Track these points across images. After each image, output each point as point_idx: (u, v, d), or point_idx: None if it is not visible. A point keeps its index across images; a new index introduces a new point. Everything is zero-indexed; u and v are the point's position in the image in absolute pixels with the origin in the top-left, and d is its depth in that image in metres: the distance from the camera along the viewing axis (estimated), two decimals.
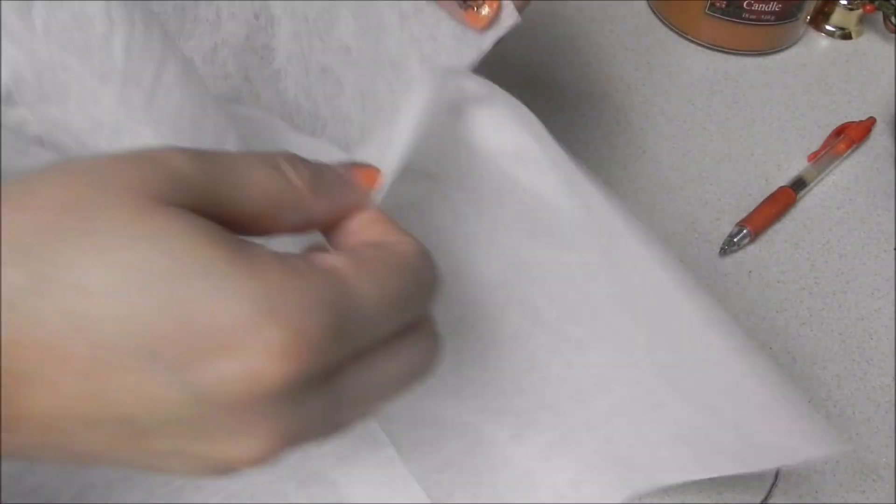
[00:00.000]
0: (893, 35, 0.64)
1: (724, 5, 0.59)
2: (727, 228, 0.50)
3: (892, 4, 0.63)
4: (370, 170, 0.24)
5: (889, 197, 0.53)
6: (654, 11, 0.64)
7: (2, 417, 0.18)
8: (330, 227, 0.23)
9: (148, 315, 0.17)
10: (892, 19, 0.63)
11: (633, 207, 0.51)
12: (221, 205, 0.20)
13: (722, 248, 0.49)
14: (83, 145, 0.25)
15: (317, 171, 0.22)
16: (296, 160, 0.22)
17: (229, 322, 0.17)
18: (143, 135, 0.25)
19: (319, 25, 0.35)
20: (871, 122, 0.57)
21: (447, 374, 0.31)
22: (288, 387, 0.18)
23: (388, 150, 0.24)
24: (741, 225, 0.49)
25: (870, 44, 0.65)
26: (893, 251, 0.50)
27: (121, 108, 0.25)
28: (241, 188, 0.20)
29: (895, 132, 0.57)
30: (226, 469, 0.20)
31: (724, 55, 0.62)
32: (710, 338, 0.28)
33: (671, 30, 0.63)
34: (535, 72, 0.58)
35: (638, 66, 0.60)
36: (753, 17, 0.59)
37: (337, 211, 0.23)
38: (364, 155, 0.25)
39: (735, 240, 0.49)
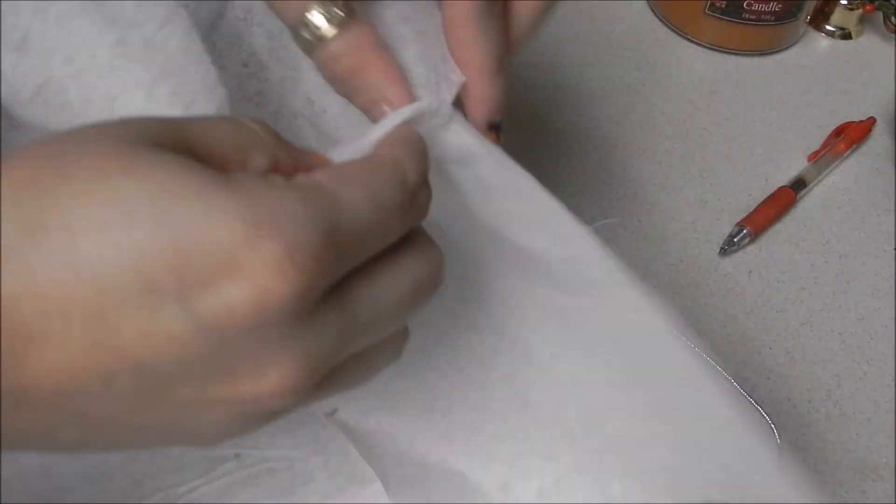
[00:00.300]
0: (893, 35, 0.64)
1: (724, 5, 0.59)
2: (727, 228, 0.50)
3: (892, 4, 0.63)
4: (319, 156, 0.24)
5: (889, 197, 0.53)
6: (654, 11, 0.64)
7: (13, 390, 0.17)
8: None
9: (140, 246, 0.17)
10: (892, 19, 0.63)
11: (633, 207, 0.51)
12: (191, 147, 0.20)
13: (722, 248, 0.49)
14: (80, 83, 0.27)
15: (273, 130, 0.22)
16: (258, 119, 0.22)
17: (223, 242, 0.17)
18: (135, 70, 0.27)
19: (293, 72, 0.35)
20: (871, 122, 0.57)
21: (436, 416, 0.32)
22: (295, 302, 0.18)
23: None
24: (741, 225, 0.49)
25: (870, 44, 0.65)
26: (893, 251, 0.50)
27: (119, 47, 0.27)
28: (208, 132, 0.20)
29: (895, 132, 0.57)
30: (257, 411, 0.19)
31: (724, 55, 0.62)
32: (703, 380, 0.28)
33: (671, 30, 0.63)
34: (535, 72, 0.58)
35: (638, 66, 0.60)
36: (753, 17, 0.59)
37: (299, 157, 0.23)
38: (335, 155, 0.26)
39: (735, 240, 0.49)
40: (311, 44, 0.29)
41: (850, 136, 0.55)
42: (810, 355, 0.45)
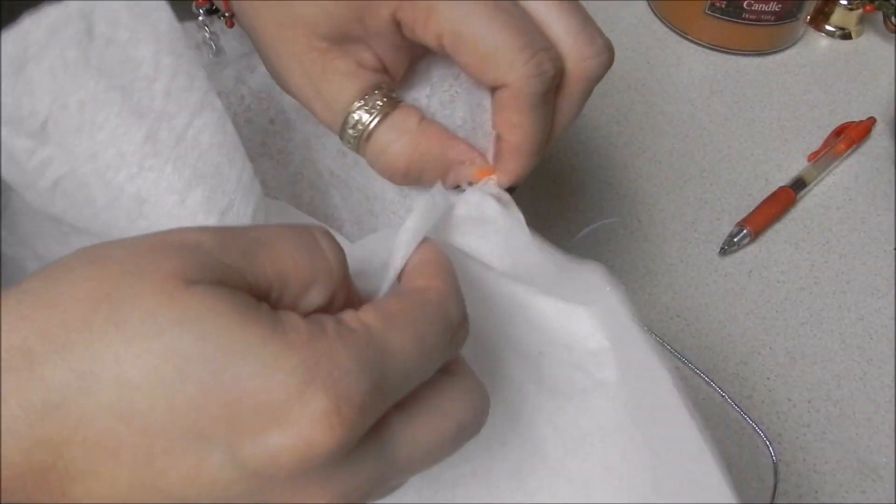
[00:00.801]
0: (893, 35, 0.64)
1: (724, 5, 0.59)
2: (727, 228, 0.50)
3: (892, 4, 0.63)
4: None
5: (889, 197, 0.53)
6: (654, 11, 0.64)
7: None
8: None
9: (193, 400, 0.17)
10: (892, 19, 0.63)
11: (633, 207, 0.51)
12: (252, 280, 0.20)
13: (722, 248, 0.49)
14: (105, 182, 0.25)
15: (342, 250, 0.22)
16: (327, 232, 0.22)
17: (273, 396, 0.18)
18: (166, 172, 0.25)
19: (321, 129, 0.35)
20: (871, 122, 0.57)
21: None
22: (338, 451, 0.18)
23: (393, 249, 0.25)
24: (741, 225, 0.49)
25: (870, 44, 0.65)
26: (893, 251, 0.50)
27: (148, 145, 0.25)
28: (273, 258, 0.20)
29: (895, 132, 0.57)
30: None
31: (724, 55, 0.62)
32: (707, 460, 0.27)
33: (671, 30, 0.63)
34: None
35: (638, 66, 0.60)
36: (753, 17, 0.59)
37: (353, 292, 0.23)
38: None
39: (735, 240, 0.49)
40: (358, 139, 0.29)
41: (850, 136, 0.55)
42: (810, 355, 0.45)
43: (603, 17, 0.63)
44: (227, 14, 0.33)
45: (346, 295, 0.22)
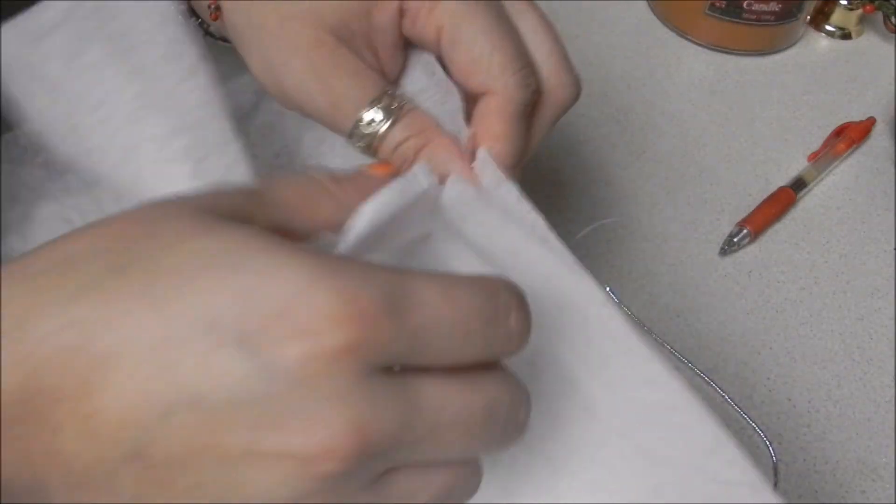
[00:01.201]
0: (893, 35, 0.64)
1: (724, 5, 0.59)
2: (727, 228, 0.50)
3: (892, 4, 0.63)
4: (378, 166, 0.26)
5: (889, 197, 0.53)
6: (654, 11, 0.64)
7: (80, 414, 0.18)
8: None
9: (209, 289, 0.18)
10: (892, 19, 0.63)
11: (633, 207, 0.51)
12: (268, 214, 0.22)
13: (722, 248, 0.49)
14: (103, 131, 0.29)
15: (334, 173, 0.24)
16: (321, 168, 0.24)
17: (283, 292, 0.18)
18: (152, 122, 0.29)
19: (324, 159, 0.37)
20: (871, 122, 0.57)
21: None
22: (346, 356, 0.18)
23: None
24: (741, 225, 0.49)
25: (870, 44, 0.65)
26: (893, 251, 0.50)
27: (140, 98, 0.29)
28: (280, 193, 0.22)
29: (895, 132, 0.57)
30: (305, 473, 0.19)
31: (724, 55, 0.62)
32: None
33: (671, 30, 0.63)
34: None
35: (638, 66, 0.60)
36: (753, 17, 0.59)
37: (363, 194, 0.23)
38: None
39: (735, 240, 0.49)
40: (372, 138, 0.30)
41: (850, 136, 0.55)
42: (810, 355, 0.45)
43: (603, 17, 0.63)
44: (211, 7, 0.33)
45: (359, 199, 0.23)
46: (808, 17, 0.63)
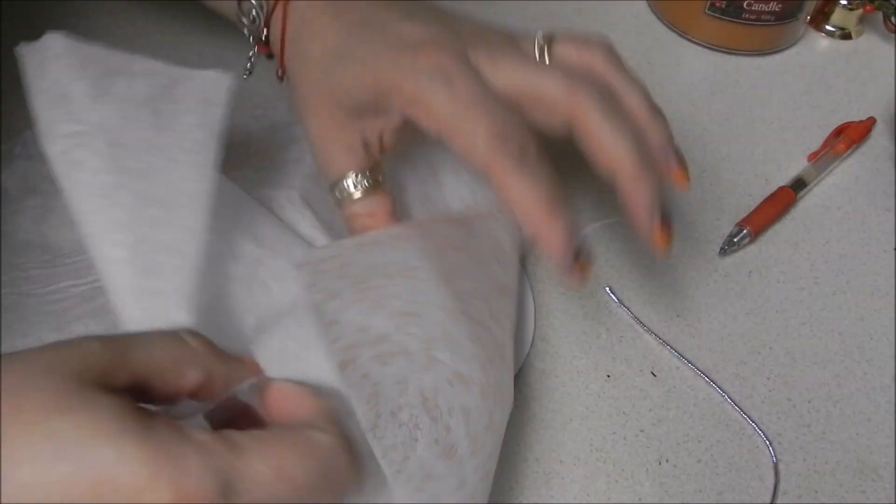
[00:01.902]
0: (893, 35, 0.64)
1: (724, 5, 0.59)
2: (727, 228, 0.50)
3: (892, 4, 0.63)
4: (252, 367, 0.30)
5: (889, 197, 0.53)
6: (654, 11, 0.64)
7: None
8: (230, 386, 0.28)
9: (65, 479, 0.21)
10: (892, 19, 0.63)
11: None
12: (132, 370, 0.25)
13: (722, 248, 0.49)
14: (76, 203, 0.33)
15: (208, 341, 0.28)
16: (193, 332, 0.28)
17: (130, 484, 0.22)
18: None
19: None
20: (871, 122, 0.57)
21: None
22: None
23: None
24: (741, 225, 0.49)
25: (870, 44, 0.65)
26: (893, 251, 0.50)
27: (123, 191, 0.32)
28: (147, 353, 0.26)
29: (895, 132, 0.57)
30: None
31: (724, 55, 0.62)
32: None
33: (671, 30, 0.63)
34: None
35: (638, 66, 0.60)
36: (753, 17, 0.59)
37: (231, 370, 0.28)
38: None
39: (735, 240, 0.49)
40: (343, 199, 0.38)
41: (850, 136, 0.55)
42: (810, 355, 0.45)
43: (603, 17, 0.63)
44: (279, 73, 0.41)
45: (224, 375, 0.27)
46: (808, 17, 0.63)
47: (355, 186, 0.37)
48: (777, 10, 0.59)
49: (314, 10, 0.37)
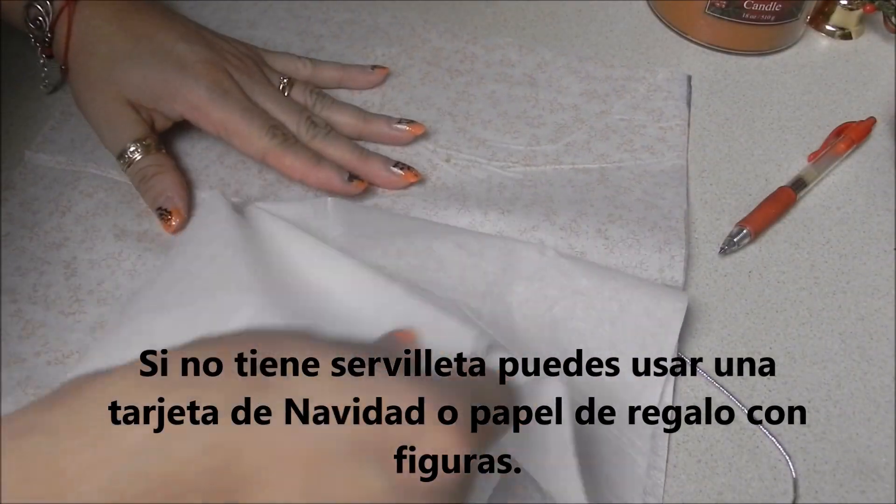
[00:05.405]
0: (893, 35, 0.64)
1: (724, 5, 0.59)
2: (727, 228, 0.50)
3: (892, 4, 0.63)
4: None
5: (889, 197, 0.53)
6: (654, 11, 0.64)
7: None
8: None
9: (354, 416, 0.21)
10: (893, 19, 0.63)
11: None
12: None
13: (722, 248, 0.49)
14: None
15: None
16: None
17: (411, 417, 0.22)
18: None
19: None
20: (871, 122, 0.57)
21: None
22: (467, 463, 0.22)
23: None
24: (741, 225, 0.49)
25: (870, 44, 0.65)
26: (893, 251, 0.50)
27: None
28: None
29: (895, 132, 0.57)
30: None
31: (724, 55, 0.62)
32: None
33: (671, 30, 0.63)
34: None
35: (638, 66, 0.60)
36: (753, 17, 0.59)
37: None
38: None
39: (735, 240, 0.49)
40: (128, 164, 0.45)
41: (850, 136, 0.55)
42: (810, 355, 0.45)
43: (603, 17, 0.63)
44: (62, 68, 0.49)
45: None
46: (808, 17, 0.63)
47: (138, 151, 0.45)
48: (777, 10, 0.59)
49: (99, 20, 0.46)
